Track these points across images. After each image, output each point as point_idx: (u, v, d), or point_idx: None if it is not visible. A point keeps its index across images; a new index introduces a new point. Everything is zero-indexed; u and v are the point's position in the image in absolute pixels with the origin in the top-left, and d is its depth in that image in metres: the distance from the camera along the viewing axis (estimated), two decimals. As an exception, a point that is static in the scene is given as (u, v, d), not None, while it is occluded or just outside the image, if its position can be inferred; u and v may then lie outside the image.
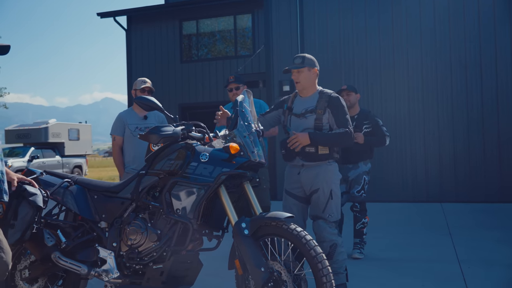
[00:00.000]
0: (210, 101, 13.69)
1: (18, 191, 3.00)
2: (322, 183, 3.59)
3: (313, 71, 3.72)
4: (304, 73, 3.69)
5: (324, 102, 3.63)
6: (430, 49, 10.07)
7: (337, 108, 3.63)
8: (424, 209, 8.77)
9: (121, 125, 4.78)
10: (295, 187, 3.73)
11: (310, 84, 3.73)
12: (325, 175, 3.60)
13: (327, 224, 3.58)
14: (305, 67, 3.68)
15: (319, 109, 3.62)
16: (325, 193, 3.59)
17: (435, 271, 4.50)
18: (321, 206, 3.59)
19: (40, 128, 19.55)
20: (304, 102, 3.74)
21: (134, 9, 14.73)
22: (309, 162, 3.62)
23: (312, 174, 3.62)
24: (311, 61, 3.72)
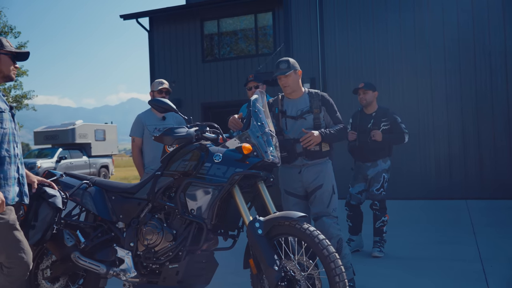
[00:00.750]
0: (232, 99, 13.76)
1: (38, 193, 3.09)
2: (325, 179, 3.73)
3: (298, 73, 3.87)
4: (292, 77, 3.81)
5: (318, 101, 3.78)
6: (453, 49, 9.89)
7: (331, 106, 3.81)
8: (448, 206, 8.63)
9: (140, 127, 4.85)
10: (296, 187, 3.82)
11: (297, 86, 3.87)
12: (327, 171, 3.78)
13: (332, 220, 3.68)
14: (291, 70, 3.79)
15: (315, 108, 3.77)
16: (328, 189, 3.73)
17: (456, 270, 4.43)
18: (326, 201, 3.71)
19: (67, 129, 19.98)
20: (296, 103, 3.84)
21: (156, 10, 14.90)
22: (312, 161, 3.74)
23: (314, 171, 3.75)
24: (295, 64, 3.87)
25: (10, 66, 2.94)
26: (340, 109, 4.01)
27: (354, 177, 5.28)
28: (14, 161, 2.85)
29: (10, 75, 2.95)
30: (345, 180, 5.52)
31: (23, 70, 21.56)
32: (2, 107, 2.83)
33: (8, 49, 2.92)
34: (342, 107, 9.73)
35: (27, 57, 3.12)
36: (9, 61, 2.94)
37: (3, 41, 2.93)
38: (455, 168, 9.83)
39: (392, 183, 5.34)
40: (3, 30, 20.84)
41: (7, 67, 2.93)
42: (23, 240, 2.81)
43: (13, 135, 2.88)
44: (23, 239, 2.80)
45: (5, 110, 2.85)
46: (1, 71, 2.91)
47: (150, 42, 15.07)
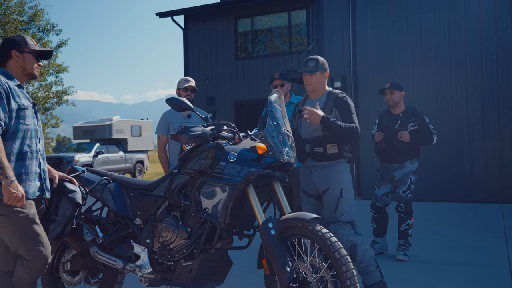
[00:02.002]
0: (264, 97, 13.66)
1: (59, 188, 3.17)
2: (332, 183, 3.64)
3: (325, 75, 3.81)
4: (317, 77, 3.77)
5: (331, 102, 3.71)
6: (490, 48, 9.57)
7: (344, 108, 3.69)
8: (482, 210, 8.37)
9: (166, 124, 4.90)
10: (309, 186, 3.81)
11: (321, 87, 3.82)
12: (335, 174, 3.66)
13: (340, 226, 3.59)
14: (318, 71, 3.74)
15: (327, 109, 3.70)
16: (335, 192, 3.63)
17: (482, 277, 4.29)
18: (332, 205, 3.63)
19: (105, 125, 20.44)
20: (313, 103, 3.79)
21: (191, 8, 15.03)
22: (319, 163, 3.69)
23: (322, 174, 3.69)
24: (324, 65, 3.80)
25: (34, 64, 3.03)
26: (370, 108, 3.99)
27: (380, 178, 5.19)
28: (36, 156, 2.94)
29: (33, 73, 3.04)
30: (371, 181, 5.44)
31: (64, 67, 22.18)
32: (25, 103, 2.91)
33: (32, 48, 3.01)
34: (373, 106, 9.69)
35: (50, 56, 3.21)
36: (33, 59, 3.03)
37: (28, 39, 3.02)
38: (490, 170, 9.52)
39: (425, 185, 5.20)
40: (45, 27, 21.48)
41: (31, 65, 3.02)
42: (43, 234, 2.89)
43: (35, 131, 2.97)
44: (42, 233, 2.89)
45: (28, 107, 2.93)
46: (25, 69, 3.00)
47: (185, 40, 15.23)
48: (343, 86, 10.45)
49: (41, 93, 21.90)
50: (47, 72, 21.53)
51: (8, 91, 2.80)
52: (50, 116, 22.60)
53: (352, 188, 3.73)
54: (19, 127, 2.86)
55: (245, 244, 3.20)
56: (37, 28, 21.33)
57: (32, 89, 21.48)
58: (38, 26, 21.32)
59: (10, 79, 2.90)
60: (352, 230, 3.58)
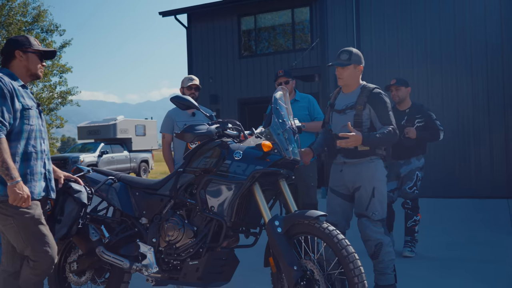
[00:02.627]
0: (268, 95, 13.70)
1: (64, 188, 3.16)
2: (364, 181, 3.48)
3: (358, 69, 3.59)
4: (349, 71, 3.56)
5: (364, 98, 3.50)
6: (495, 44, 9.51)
7: (379, 104, 3.47)
8: (488, 206, 8.32)
9: (170, 123, 4.89)
10: (339, 185, 3.64)
11: (354, 81, 3.60)
12: (367, 172, 3.49)
13: (371, 223, 3.46)
14: (351, 64, 3.54)
15: (359, 105, 3.49)
16: (367, 191, 3.47)
17: (489, 273, 4.26)
18: (364, 204, 3.48)
19: (109, 125, 20.48)
20: (345, 98, 3.63)
21: (194, 6, 15.02)
22: (350, 160, 3.53)
23: (354, 171, 3.53)
24: (358, 58, 3.58)
25: (37, 64, 3.02)
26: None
27: (387, 175, 5.15)
28: (41, 156, 2.93)
29: (37, 73, 3.03)
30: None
31: (68, 67, 22.23)
32: (29, 104, 2.91)
33: (36, 48, 3.00)
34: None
35: (54, 56, 3.21)
36: (37, 60, 3.02)
37: (31, 39, 3.01)
38: (496, 165, 9.47)
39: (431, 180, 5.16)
40: (49, 28, 21.53)
41: (35, 65, 3.01)
42: (48, 234, 2.88)
43: (39, 131, 2.96)
44: (48, 233, 2.88)
45: (32, 107, 2.92)
46: (29, 69, 2.99)
47: (188, 39, 15.23)
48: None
49: (45, 94, 21.97)
50: (51, 72, 21.59)
51: (12, 92, 2.79)
52: (54, 116, 22.66)
53: (385, 186, 3.56)
54: (24, 127, 2.85)
55: (251, 242, 3.19)
56: (41, 28, 21.40)
57: (36, 89, 21.54)
58: (41, 26, 21.38)
59: (14, 79, 2.89)
60: (382, 228, 3.47)
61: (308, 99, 4.81)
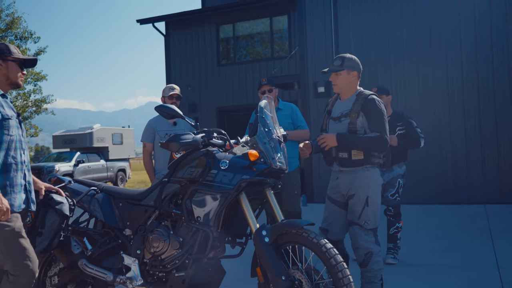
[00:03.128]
0: (247, 103, 13.73)
1: (45, 200, 3.08)
2: (358, 189, 3.43)
3: (352, 74, 3.54)
4: (342, 76, 3.53)
5: (358, 105, 3.46)
6: (470, 44, 9.73)
7: (371, 111, 3.42)
8: (466, 212, 8.45)
9: (151, 132, 4.84)
10: (334, 192, 3.61)
11: (349, 87, 3.56)
12: (361, 180, 3.43)
13: (363, 231, 3.42)
14: (344, 70, 3.51)
15: (353, 112, 3.45)
16: (360, 200, 3.42)
17: (472, 278, 4.31)
18: (357, 212, 3.43)
19: (85, 133, 20.14)
20: (341, 105, 3.60)
21: (172, 14, 14.94)
22: (345, 168, 3.50)
23: (349, 179, 3.48)
24: (352, 63, 3.54)
25: (17, 73, 2.95)
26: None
27: None
28: (21, 168, 2.85)
29: (17, 82, 2.96)
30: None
31: (43, 75, 21.83)
32: (9, 113, 2.83)
33: (16, 56, 2.93)
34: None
35: (34, 64, 3.13)
36: (17, 68, 2.94)
37: (11, 48, 2.94)
38: (473, 172, 9.64)
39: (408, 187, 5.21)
40: (23, 35, 21.14)
41: (15, 74, 2.94)
42: (29, 248, 2.80)
43: (19, 142, 2.88)
44: (29, 247, 2.79)
45: (12, 117, 2.85)
46: (8, 78, 2.91)
47: (166, 46, 15.14)
48: (327, 91, 10.49)
49: (19, 102, 21.52)
50: (25, 80, 21.17)
51: (-8, 101, 2.72)
52: (28, 125, 22.19)
53: (380, 195, 3.51)
54: (3, 138, 2.77)
55: (237, 252, 3.15)
56: (15, 35, 20.98)
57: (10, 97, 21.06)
58: (15, 33, 20.96)
59: (-6, 88, 2.82)
60: (374, 238, 3.43)
61: (291, 108, 4.82)
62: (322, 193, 9.90)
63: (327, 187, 3.74)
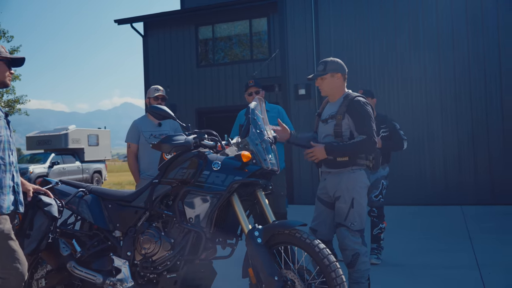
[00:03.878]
0: (226, 105, 13.72)
1: (33, 202, 3.03)
2: (343, 191, 3.45)
3: (336, 77, 3.57)
4: (327, 80, 3.57)
5: (344, 107, 3.49)
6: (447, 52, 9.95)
7: (356, 113, 3.45)
8: (444, 212, 8.63)
9: (136, 133, 4.81)
10: (323, 193, 3.64)
11: (335, 90, 3.60)
12: (347, 182, 3.45)
13: (350, 233, 3.44)
14: (327, 73, 3.56)
15: (339, 114, 3.48)
16: (346, 201, 3.44)
17: (453, 278, 4.41)
18: (343, 214, 3.46)
19: (60, 135, 19.82)
20: (330, 107, 3.64)
21: (151, 15, 14.83)
22: (331, 169, 3.53)
23: (335, 180, 3.51)
24: (335, 66, 3.57)
25: (5, 72, 2.90)
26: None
27: None
28: (9, 169, 2.80)
29: (5, 81, 2.91)
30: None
31: (16, 75, 21.36)
32: (-3, 114, 2.78)
33: (3, 55, 2.88)
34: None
35: (22, 63, 3.07)
36: (4, 67, 2.90)
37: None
38: (450, 174, 9.84)
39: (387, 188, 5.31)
40: (-4, 34, 20.73)
41: (3, 73, 2.89)
42: (18, 250, 2.75)
43: (8, 142, 2.83)
44: (18, 249, 2.75)
45: (0, 117, 2.80)
46: (-4, 77, 2.86)
47: (145, 47, 15.01)
48: (307, 94, 10.57)
49: (-9, 102, 21.05)
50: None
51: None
52: (1, 126, 21.65)
53: (366, 197, 3.53)
54: (-9, 138, 2.72)
55: (228, 253, 3.16)
56: (-13, 34, 20.53)
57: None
58: (-13, 32, 20.52)
59: (-19, 88, 2.76)
60: (360, 239, 3.45)
61: (278, 110, 4.85)
62: (301, 195, 10.00)
63: (307, 189, 3.80)
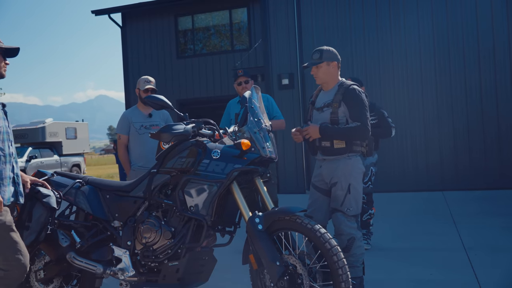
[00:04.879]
0: (208, 96, 13.68)
1: (31, 193, 3.02)
2: (340, 177, 3.52)
3: (332, 65, 3.62)
4: (323, 68, 3.61)
5: (339, 95, 3.55)
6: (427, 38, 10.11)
7: (352, 101, 3.51)
8: (426, 198, 8.84)
9: (126, 124, 4.79)
10: (318, 180, 3.70)
11: (330, 78, 3.64)
12: (344, 168, 3.52)
13: (345, 218, 3.51)
14: (324, 62, 3.60)
15: (335, 102, 3.54)
16: (343, 187, 3.52)
17: (442, 260, 4.55)
18: (339, 199, 3.53)
19: (37, 128, 19.47)
20: (324, 95, 3.69)
21: (129, 5, 14.64)
22: (328, 156, 3.59)
23: (332, 167, 3.57)
24: (330, 55, 3.62)
25: (0, 63, 2.86)
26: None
27: None
28: (9, 160, 2.78)
29: (0, 72, 2.87)
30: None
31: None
32: (-6, 105, 2.75)
33: (-2, 46, 2.84)
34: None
35: (17, 53, 3.01)
36: (0, 58, 2.85)
37: (-7, 37, 2.84)
38: (431, 160, 10.05)
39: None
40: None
41: (-3, 63, 2.84)
42: (20, 242, 2.74)
43: (7, 133, 2.81)
44: (19, 241, 2.74)
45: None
46: (-10, 68, 2.82)
47: (123, 38, 14.82)
48: (291, 83, 10.64)
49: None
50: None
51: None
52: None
53: (361, 182, 3.61)
54: (-10, 129, 2.69)
55: (226, 241, 3.20)
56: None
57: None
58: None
59: (-23, 79, 2.73)
60: (356, 224, 3.53)
61: (267, 98, 4.89)
62: (286, 184, 10.09)
63: (291, 179, 3.85)
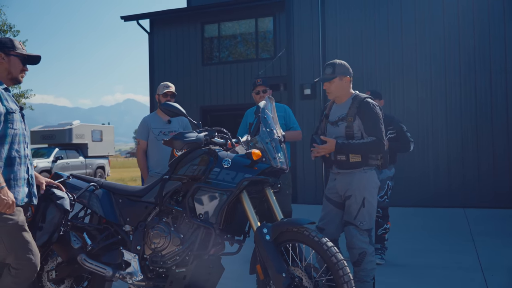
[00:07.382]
0: (231, 103, 13.76)
1: (46, 195, 3.09)
2: (355, 190, 3.51)
3: (345, 80, 3.61)
4: (336, 83, 3.60)
5: (354, 109, 3.54)
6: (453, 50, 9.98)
7: (366, 114, 3.51)
8: (447, 214, 8.67)
9: (145, 130, 4.85)
10: (332, 192, 3.70)
11: (343, 93, 3.64)
12: (359, 182, 3.51)
13: (358, 231, 3.50)
14: (336, 77, 3.59)
15: (350, 116, 3.53)
16: (357, 201, 3.50)
17: (457, 279, 4.45)
18: (353, 213, 3.51)
19: (64, 129, 19.89)
20: (338, 109, 3.68)
21: (157, 12, 14.90)
22: (343, 170, 3.58)
23: (346, 180, 3.56)
24: (343, 69, 3.61)
25: (19, 69, 2.93)
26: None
27: None
28: (24, 161, 2.85)
29: (18, 78, 2.94)
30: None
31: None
32: (13, 107, 2.82)
33: (19, 51, 2.92)
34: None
35: (38, 61, 3.08)
36: (19, 63, 2.93)
37: (15, 42, 2.93)
38: (453, 176, 9.87)
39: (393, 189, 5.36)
40: (2, 28, 20.76)
41: (17, 69, 2.92)
42: (32, 242, 2.80)
43: (23, 135, 2.88)
44: (31, 241, 2.80)
45: (16, 111, 2.84)
46: (9, 73, 2.89)
47: (150, 44, 15.06)
48: (313, 94, 10.62)
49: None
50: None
51: (-3, 95, 2.71)
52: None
53: (376, 196, 3.58)
54: (8, 131, 2.76)
55: (235, 250, 3.20)
56: (-7, 28, 20.53)
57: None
58: (-6, 26, 20.52)
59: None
60: (368, 238, 3.51)
61: (285, 109, 4.89)
62: (305, 195, 10.06)
63: (310, 189, 3.85)
